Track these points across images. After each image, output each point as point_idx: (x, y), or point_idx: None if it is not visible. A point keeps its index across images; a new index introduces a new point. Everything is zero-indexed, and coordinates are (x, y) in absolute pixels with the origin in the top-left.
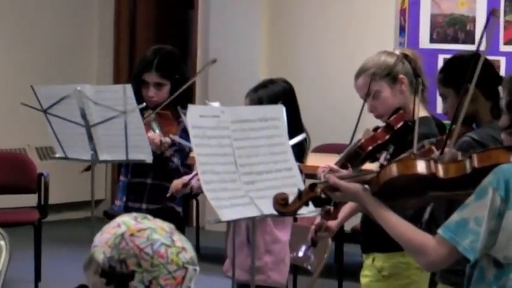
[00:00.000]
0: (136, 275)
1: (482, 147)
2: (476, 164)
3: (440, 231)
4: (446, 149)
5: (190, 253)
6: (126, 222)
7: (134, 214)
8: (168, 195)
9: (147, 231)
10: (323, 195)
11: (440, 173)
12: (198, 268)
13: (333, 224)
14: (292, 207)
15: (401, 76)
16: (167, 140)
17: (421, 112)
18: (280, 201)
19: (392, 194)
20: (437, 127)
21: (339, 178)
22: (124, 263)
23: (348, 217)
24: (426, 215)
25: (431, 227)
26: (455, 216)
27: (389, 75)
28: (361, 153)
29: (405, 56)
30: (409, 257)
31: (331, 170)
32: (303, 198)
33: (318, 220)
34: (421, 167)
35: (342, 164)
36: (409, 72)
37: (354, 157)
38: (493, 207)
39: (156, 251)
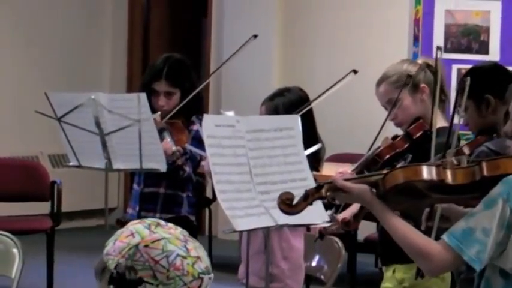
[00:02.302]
0: (151, 287)
1: None
2: (485, 172)
3: (445, 237)
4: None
5: (205, 262)
6: (140, 231)
7: (147, 221)
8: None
9: (162, 241)
10: (328, 196)
11: (449, 179)
12: (212, 275)
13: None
14: (298, 208)
15: (422, 85)
16: (179, 149)
17: (441, 122)
18: (286, 201)
19: (398, 197)
20: None
21: (345, 179)
22: (132, 269)
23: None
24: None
25: None
26: (461, 224)
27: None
28: (378, 161)
29: (427, 66)
30: None
31: None
32: (308, 198)
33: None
34: (429, 173)
35: (359, 171)
36: (430, 82)
37: (371, 164)
38: (502, 218)
39: (172, 264)
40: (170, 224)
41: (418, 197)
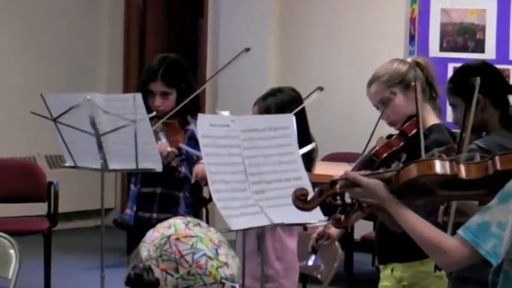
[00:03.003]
0: (171, 280)
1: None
2: (498, 166)
3: (461, 232)
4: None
5: (232, 270)
6: (177, 225)
7: (189, 219)
8: (192, 181)
9: (193, 239)
10: (342, 192)
11: (463, 173)
12: (237, 286)
13: (334, 232)
14: (312, 204)
15: (413, 83)
16: (174, 150)
17: (434, 119)
18: (301, 197)
19: (411, 193)
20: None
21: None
22: (150, 271)
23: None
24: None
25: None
26: (476, 218)
27: (402, 82)
28: (376, 160)
29: (417, 64)
30: (427, 266)
31: None
32: (323, 195)
33: (320, 229)
34: (443, 167)
35: (357, 171)
36: (421, 80)
37: (369, 164)
38: None
39: (196, 261)
40: (212, 228)
41: (430, 194)
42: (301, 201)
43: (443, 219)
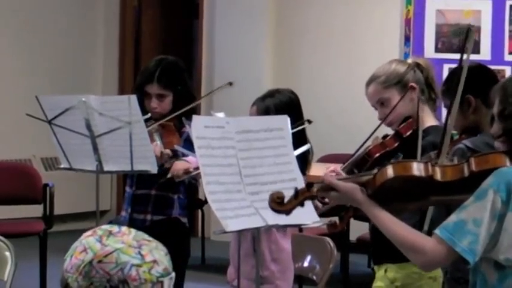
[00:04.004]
0: None
1: None
2: (474, 167)
3: (437, 231)
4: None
5: (162, 263)
6: (92, 246)
7: (99, 232)
8: (168, 176)
9: (114, 254)
10: (319, 195)
11: (438, 175)
12: (173, 274)
13: None
14: (288, 206)
15: (411, 84)
16: (167, 151)
17: (431, 121)
18: (276, 200)
19: (389, 196)
20: None
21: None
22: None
23: None
24: (426, 226)
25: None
26: (453, 217)
27: (400, 83)
28: (368, 160)
29: (417, 65)
30: None
31: (337, 174)
32: (299, 197)
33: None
34: (418, 169)
35: (349, 170)
36: (420, 81)
37: (361, 163)
38: (493, 209)
39: (128, 275)
40: (124, 229)
41: (408, 197)
42: (276, 203)
43: None
